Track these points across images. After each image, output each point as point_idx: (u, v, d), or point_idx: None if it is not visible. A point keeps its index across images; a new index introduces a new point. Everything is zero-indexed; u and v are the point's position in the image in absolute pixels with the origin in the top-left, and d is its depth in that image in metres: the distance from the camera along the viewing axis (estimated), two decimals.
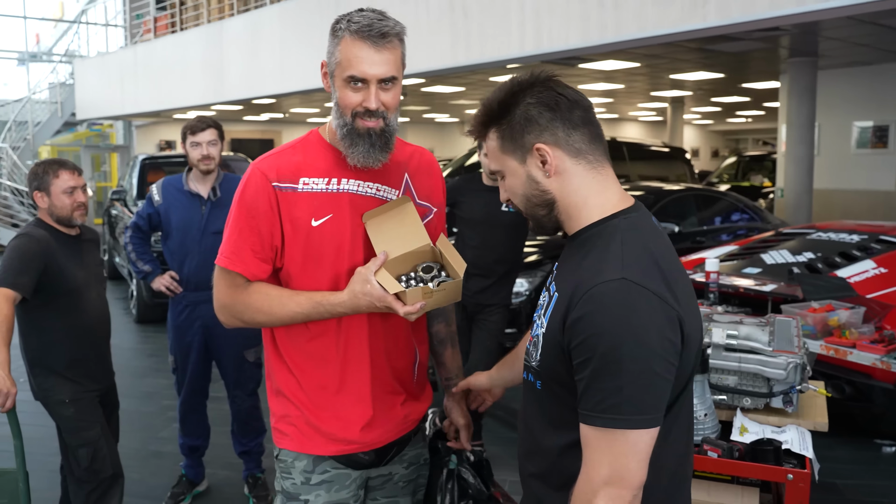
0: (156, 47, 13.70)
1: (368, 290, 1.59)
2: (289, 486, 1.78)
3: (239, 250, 1.68)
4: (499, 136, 1.35)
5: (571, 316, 1.22)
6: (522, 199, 1.38)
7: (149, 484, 3.90)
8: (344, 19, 1.65)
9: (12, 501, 2.49)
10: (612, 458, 1.18)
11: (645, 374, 1.17)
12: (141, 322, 7.75)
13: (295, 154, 1.72)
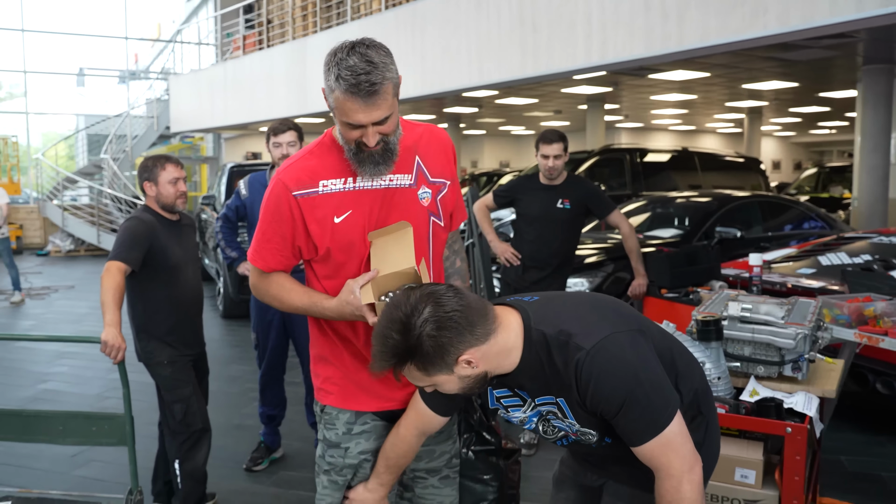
0: (244, 63, 14.53)
1: (351, 300, 1.83)
2: (332, 436, 2.04)
3: (261, 250, 1.94)
4: (418, 368, 1.57)
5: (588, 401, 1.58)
6: (461, 390, 1.63)
7: (232, 450, 4.33)
8: (337, 65, 1.75)
9: (121, 441, 2.92)
10: (673, 453, 1.54)
11: (651, 388, 1.55)
12: (227, 317, 8.33)
13: (312, 159, 1.92)
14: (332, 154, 1.92)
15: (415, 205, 1.97)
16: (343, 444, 2.03)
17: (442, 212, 2.03)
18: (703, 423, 1.72)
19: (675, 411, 1.56)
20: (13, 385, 5.73)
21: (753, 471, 2.21)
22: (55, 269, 13.01)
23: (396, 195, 1.95)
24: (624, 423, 1.56)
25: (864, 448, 4.30)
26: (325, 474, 2.07)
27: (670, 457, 1.54)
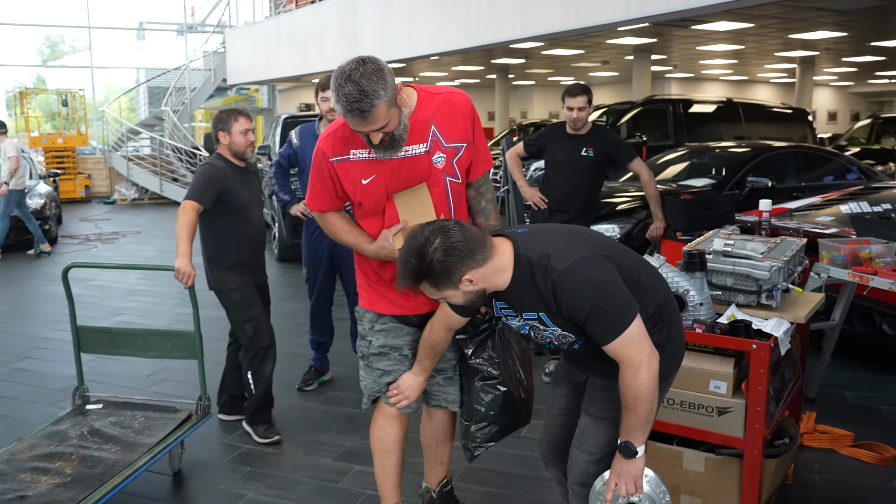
0: (296, 17, 14.89)
1: (385, 246, 2.36)
2: (362, 329, 2.64)
3: (314, 197, 2.49)
4: (431, 285, 1.98)
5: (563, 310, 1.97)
6: (465, 303, 2.05)
7: (286, 374, 4.84)
8: (337, 87, 2.11)
9: (191, 355, 3.43)
10: (632, 348, 1.93)
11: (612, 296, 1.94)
12: (281, 260, 8.89)
13: (346, 130, 2.32)
14: None
15: (429, 168, 2.40)
16: (368, 336, 2.60)
17: (458, 170, 2.46)
18: (665, 329, 2.09)
19: (633, 316, 1.93)
20: (91, 318, 6.36)
21: (725, 382, 2.56)
22: (122, 217, 13.81)
23: (413, 162, 2.38)
24: (592, 327, 1.95)
25: (869, 385, 4.58)
26: (362, 360, 2.65)
27: (631, 351, 1.93)
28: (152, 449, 3.10)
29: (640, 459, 2.04)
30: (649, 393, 1.94)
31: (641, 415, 1.97)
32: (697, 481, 2.67)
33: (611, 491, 2.06)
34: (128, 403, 3.59)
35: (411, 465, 3.15)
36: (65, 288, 3.52)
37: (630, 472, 2.03)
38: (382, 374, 2.59)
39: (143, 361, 5.02)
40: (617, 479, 2.05)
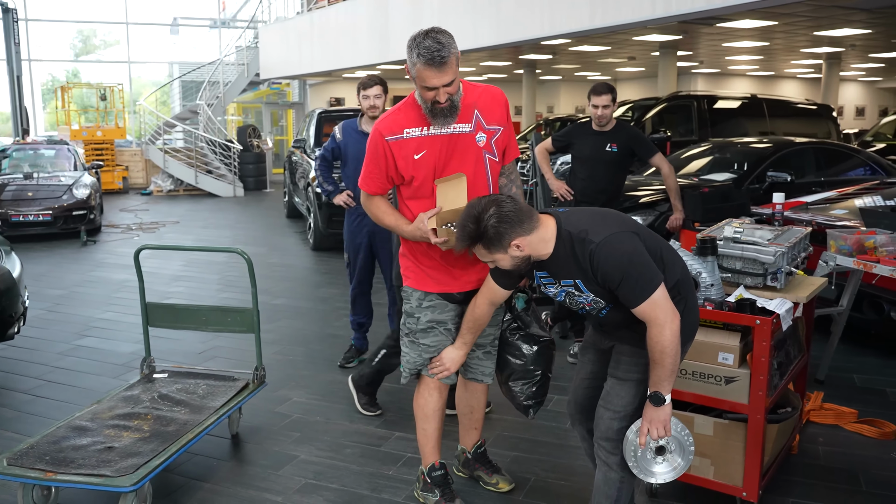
0: (329, 13, 15.27)
1: (421, 227, 2.67)
2: (408, 308, 2.94)
3: (366, 178, 2.81)
4: (483, 247, 2.35)
5: (599, 277, 2.30)
6: (512, 267, 2.39)
7: (327, 353, 5.22)
8: (416, 47, 2.52)
9: (249, 329, 3.79)
10: (657, 310, 2.25)
11: (639, 265, 2.26)
12: (316, 249, 9.27)
13: (399, 114, 2.72)
14: (413, 110, 2.73)
15: (473, 145, 2.78)
16: (416, 314, 2.91)
17: (496, 149, 2.84)
18: (682, 302, 2.40)
19: (659, 283, 2.26)
20: (138, 300, 6.76)
21: (732, 354, 2.86)
22: (159, 207, 14.30)
23: (459, 139, 2.75)
24: (624, 292, 2.27)
25: (877, 369, 4.84)
26: (405, 336, 2.96)
27: (657, 312, 2.24)
28: (217, 411, 3.47)
29: (668, 406, 2.35)
30: (673, 348, 2.26)
31: (667, 367, 2.28)
32: (707, 444, 2.97)
33: (644, 435, 2.39)
34: (190, 373, 3.96)
35: (447, 432, 3.49)
36: (136, 268, 3.91)
37: (660, 418, 2.35)
38: (427, 348, 2.92)
39: (195, 339, 5.43)
40: (648, 425, 2.37)
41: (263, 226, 11.86)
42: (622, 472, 2.52)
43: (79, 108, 19.70)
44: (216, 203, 14.87)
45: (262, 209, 13.95)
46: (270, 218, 12.66)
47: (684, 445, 2.45)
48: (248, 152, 17.05)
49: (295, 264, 8.56)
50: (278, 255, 9.06)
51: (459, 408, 3.23)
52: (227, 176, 16.50)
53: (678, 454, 2.45)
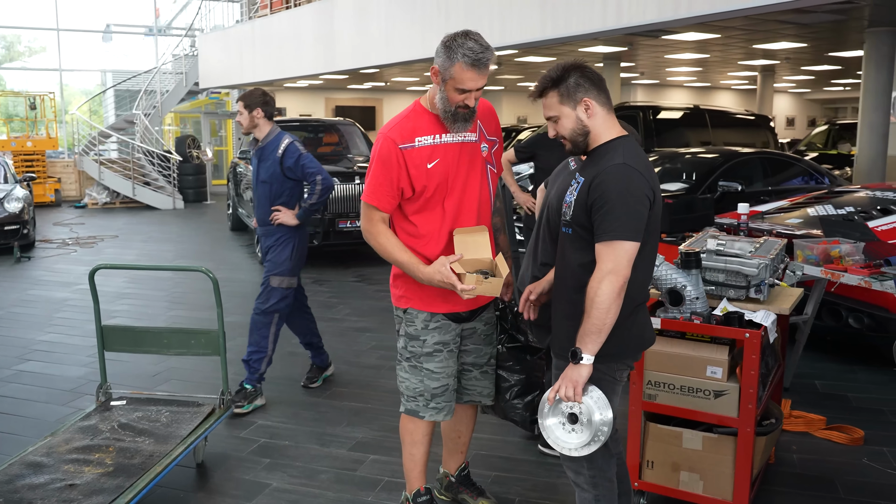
0: (272, 21, 15.00)
1: (442, 271, 2.51)
2: (412, 330, 2.77)
3: (375, 191, 2.62)
4: (558, 94, 2.28)
5: (594, 184, 2.20)
6: (571, 131, 2.31)
7: (289, 371, 5.05)
8: (459, 45, 2.48)
9: (215, 351, 3.61)
10: (614, 258, 2.16)
11: (633, 211, 2.16)
12: None
13: (409, 122, 2.64)
14: (423, 118, 2.67)
15: (478, 154, 2.75)
16: (422, 336, 2.76)
17: (495, 161, 2.81)
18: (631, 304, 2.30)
19: (634, 240, 2.16)
20: (84, 321, 6.46)
21: (721, 368, 2.85)
22: (96, 221, 13.76)
23: (468, 147, 2.71)
24: (601, 217, 2.17)
25: (836, 374, 4.94)
26: (406, 361, 2.81)
27: (609, 257, 2.15)
28: (185, 440, 3.28)
29: (585, 367, 2.19)
30: (605, 302, 2.14)
31: (594, 321, 2.15)
32: (696, 458, 2.95)
33: (553, 391, 2.24)
34: (151, 399, 3.76)
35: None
36: (91, 289, 3.68)
37: (572, 377, 2.20)
38: (430, 374, 2.76)
39: (148, 360, 5.18)
40: (560, 382, 2.23)
41: (208, 239, 11.51)
42: (594, 490, 2.43)
43: (4, 118, 18.84)
44: (155, 216, 14.40)
45: (204, 222, 13.56)
46: (214, 231, 12.32)
47: (594, 424, 2.21)
48: (187, 163, 16.58)
49: (245, 279, 8.31)
50: (227, 269, 8.78)
51: (445, 431, 3.12)
52: (166, 188, 16.01)
53: (586, 429, 2.23)
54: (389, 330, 6.08)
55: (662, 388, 2.95)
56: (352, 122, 11.15)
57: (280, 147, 4.36)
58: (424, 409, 2.80)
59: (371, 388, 4.72)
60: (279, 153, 4.35)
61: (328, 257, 9.43)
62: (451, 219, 2.68)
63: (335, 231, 8.66)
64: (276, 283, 4.43)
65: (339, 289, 7.76)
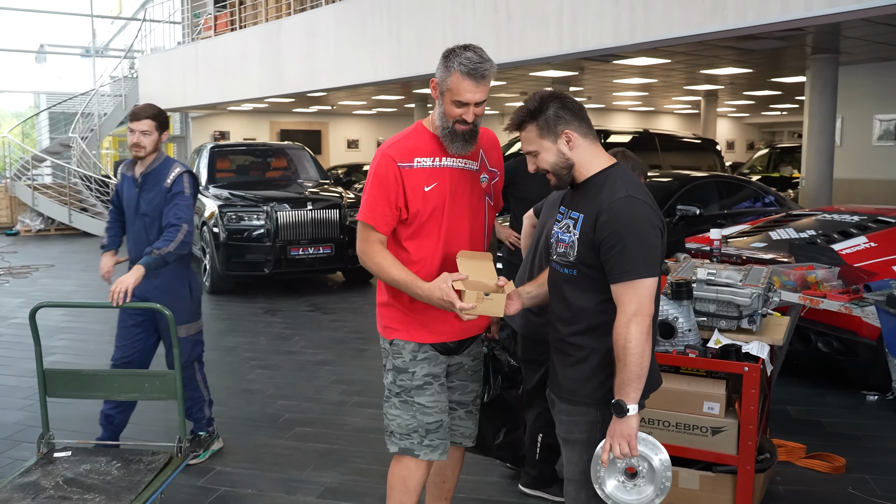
0: (216, 44, 14.66)
1: (443, 288, 2.31)
2: (399, 363, 2.57)
3: (373, 211, 2.45)
4: (537, 127, 2.14)
5: (601, 220, 2.04)
6: (553, 165, 2.16)
7: (246, 411, 4.75)
8: (457, 56, 2.36)
9: (170, 395, 3.32)
10: (637, 298, 2.01)
11: (648, 246, 2.02)
12: (214, 293, 8.67)
13: (409, 141, 2.50)
14: (423, 139, 2.51)
15: (478, 184, 2.58)
16: (410, 368, 2.56)
17: (494, 194, 2.66)
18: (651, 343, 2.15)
19: (653, 277, 2.03)
20: (20, 359, 6.03)
21: (718, 403, 2.73)
22: (29, 249, 13.11)
23: (468, 175, 2.55)
24: (616, 256, 2.01)
25: (807, 399, 4.91)
26: (396, 397, 2.59)
27: (634, 299, 2.00)
28: (140, 496, 2.98)
29: (633, 418, 2.03)
30: (638, 346, 1.99)
31: (631, 368, 2.00)
32: (693, 499, 2.81)
33: (606, 452, 2.06)
34: (100, 449, 3.43)
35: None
36: (32, 329, 3.36)
37: (622, 432, 2.03)
38: (422, 409, 2.55)
39: (88, 404, 4.81)
40: (611, 440, 2.06)
41: None
42: None
43: None
44: (94, 243, 13.78)
45: None
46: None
47: (657, 471, 2.09)
48: None
49: None
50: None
51: (430, 476, 2.90)
52: (104, 214, 15.39)
53: (649, 480, 2.09)
54: (349, 363, 5.84)
55: (656, 425, 2.81)
56: (301, 146, 10.91)
57: (170, 176, 3.76)
58: (419, 448, 2.57)
59: (336, 427, 4.46)
60: (168, 183, 3.75)
61: (279, 286, 9.13)
62: (444, 246, 2.53)
63: (287, 259, 8.39)
64: (183, 333, 3.88)
65: (292, 319, 7.47)
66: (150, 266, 3.60)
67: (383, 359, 2.66)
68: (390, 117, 23.42)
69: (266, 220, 8.35)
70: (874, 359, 4.82)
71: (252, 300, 8.40)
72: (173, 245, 3.64)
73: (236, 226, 8.34)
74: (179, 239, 3.68)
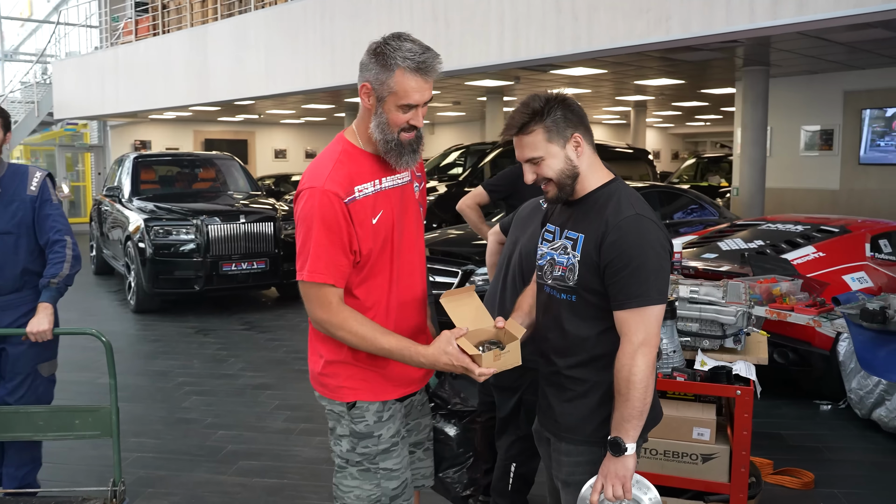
0: (138, 49, 14.01)
1: (450, 351, 1.92)
2: (362, 428, 2.13)
3: (329, 264, 1.97)
4: (544, 129, 1.92)
5: (607, 241, 1.85)
6: (559, 173, 1.95)
7: (183, 443, 4.38)
8: (393, 50, 1.95)
9: (105, 432, 2.98)
10: (645, 327, 1.83)
11: (658, 270, 1.85)
12: (140, 312, 8.15)
13: (343, 167, 2.03)
14: (357, 160, 2.08)
15: (412, 197, 2.22)
16: (376, 432, 2.15)
17: (421, 202, 2.29)
18: None
19: (661, 304, 1.86)
20: None
21: (708, 429, 2.59)
22: None
23: (406, 191, 2.19)
24: (623, 280, 1.83)
25: (763, 412, 4.87)
26: (354, 466, 2.17)
27: (640, 328, 1.82)
28: None
29: (630, 458, 1.87)
30: (643, 379, 1.82)
31: (634, 404, 1.83)
32: None
33: (596, 492, 1.88)
34: (22, 494, 3.05)
35: None
36: None
37: (617, 472, 1.86)
38: (388, 474, 2.18)
39: None
40: (604, 480, 1.88)
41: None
42: None
43: None
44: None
45: None
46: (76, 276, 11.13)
47: None
48: None
49: (117, 331, 7.43)
50: (94, 320, 7.84)
51: None
52: None
53: None
54: (291, 386, 5.52)
55: (644, 453, 2.65)
56: (230, 156, 10.47)
57: (33, 182, 3.16)
58: None
59: (285, 459, 4.15)
60: (33, 190, 3.15)
61: (211, 303, 8.68)
62: (397, 283, 2.15)
63: (218, 275, 7.97)
64: (46, 372, 3.28)
65: (226, 339, 7.06)
66: (55, 299, 3.14)
67: (331, 424, 2.20)
68: (319, 126, 22.97)
69: (196, 234, 7.92)
70: (828, 368, 4.83)
71: (182, 319, 7.93)
72: (67, 266, 3.16)
73: (164, 240, 7.89)
74: (70, 255, 3.19)
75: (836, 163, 10.69)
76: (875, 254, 5.51)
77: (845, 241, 5.53)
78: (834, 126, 10.65)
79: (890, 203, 9.98)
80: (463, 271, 6.33)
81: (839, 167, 10.69)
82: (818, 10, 5.47)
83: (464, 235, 7.18)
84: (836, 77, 10.49)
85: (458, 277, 6.34)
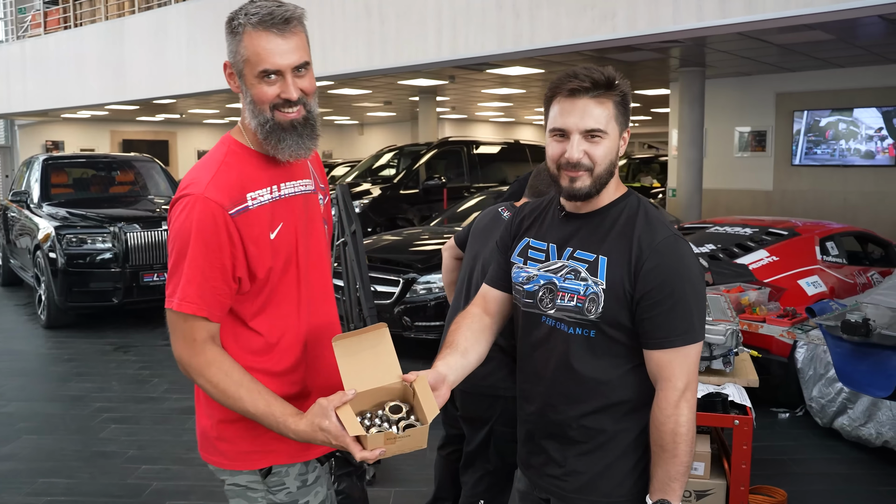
0: (48, 42, 13.12)
1: (327, 427, 1.51)
2: (283, 497, 1.73)
3: (203, 293, 1.59)
4: (617, 104, 1.61)
5: (645, 267, 1.55)
6: (605, 161, 1.61)
7: (102, 482, 3.90)
8: (240, 13, 1.60)
9: None
10: (688, 369, 1.56)
11: (701, 301, 1.60)
12: (51, 328, 7.50)
13: (231, 171, 1.65)
14: (249, 162, 1.68)
15: (318, 210, 1.83)
16: (301, 499, 1.76)
17: (326, 217, 1.89)
18: None
19: (700, 342, 1.60)
20: None
21: (703, 463, 2.34)
22: None
23: (310, 201, 1.80)
24: (663, 314, 1.55)
25: None
26: None
27: (682, 370, 1.55)
28: None
29: None
30: (692, 431, 1.57)
31: (682, 459, 1.56)
32: None
33: None
34: None
35: None
36: None
37: None
38: None
39: None
40: None
41: None
42: None
43: None
44: None
45: None
46: None
47: None
48: None
49: (25, 350, 6.79)
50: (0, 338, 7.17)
51: None
52: None
53: None
54: None
55: None
56: (150, 158, 9.85)
57: None
58: None
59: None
60: None
61: (130, 317, 8.06)
62: (307, 310, 1.76)
63: (139, 286, 7.40)
64: None
65: (148, 357, 6.52)
66: None
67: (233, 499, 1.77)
68: None
69: (113, 242, 7.33)
70: (785, 376, 4.71)
71: (99, 335, 7.32)
72: None
73: (77, 250, 7.27)
74: None
75: (770, 164, 10.84)
76: (824, 257, 5.46)
77: (796, 245, 5.46)
78: (767, 127, 10.79)
79: (822, 204, 10.15)
80: (405, 279, 6.00)
81: (772, 168, 10.84)
82: (767, 10, 5.38)
83: (401, 241, 6.86)
84: (768, 79, 10.63)
85: (399, 287, 6.01)
